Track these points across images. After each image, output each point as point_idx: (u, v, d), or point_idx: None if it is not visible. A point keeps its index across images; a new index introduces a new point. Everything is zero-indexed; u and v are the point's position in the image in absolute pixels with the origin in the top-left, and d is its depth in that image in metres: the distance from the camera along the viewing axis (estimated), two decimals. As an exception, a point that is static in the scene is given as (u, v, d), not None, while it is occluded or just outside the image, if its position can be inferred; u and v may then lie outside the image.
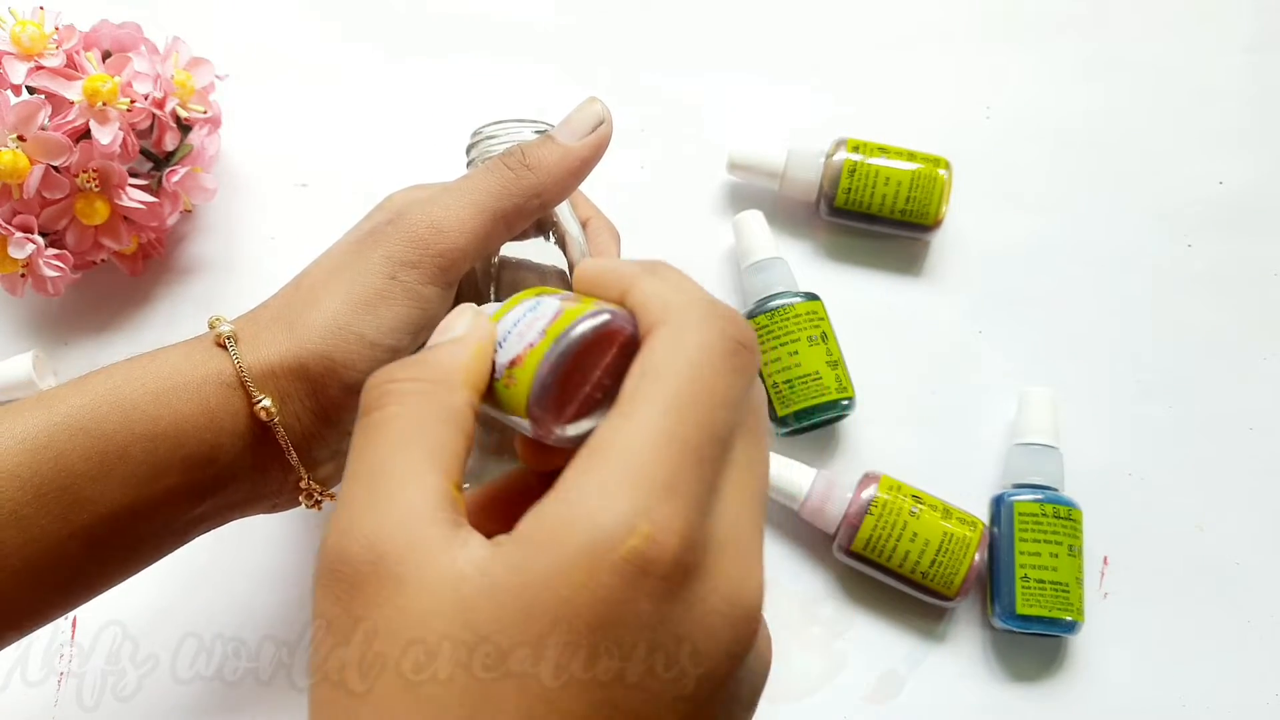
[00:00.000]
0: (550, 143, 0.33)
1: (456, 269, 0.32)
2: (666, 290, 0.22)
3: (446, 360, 0.22)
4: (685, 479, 0.19)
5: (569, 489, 0.19)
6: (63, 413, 0.29)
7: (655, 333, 0.21)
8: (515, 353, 0.22)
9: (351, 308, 0.31)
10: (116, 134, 0.40)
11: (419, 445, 0.21)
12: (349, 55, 0.50)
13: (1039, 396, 0.44)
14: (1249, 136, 0.49)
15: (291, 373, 0.31)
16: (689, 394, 0.20)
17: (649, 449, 0.19)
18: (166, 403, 0.30)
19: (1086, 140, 0.50)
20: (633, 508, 0.18)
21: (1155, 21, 0.51)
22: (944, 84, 0.50)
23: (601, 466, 0.19)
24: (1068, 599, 0.41)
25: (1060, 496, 0.42)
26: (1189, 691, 0.42)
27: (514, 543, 0.19)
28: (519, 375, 0.21)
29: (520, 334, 0.22)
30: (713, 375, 0.20)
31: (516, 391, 0.21)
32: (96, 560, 0.30)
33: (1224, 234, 0.48)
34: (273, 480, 0.32)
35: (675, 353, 0.20)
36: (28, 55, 0.40)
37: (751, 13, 0.51)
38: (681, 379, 0.20)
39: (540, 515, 0.19)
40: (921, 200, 0.45)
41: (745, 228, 0.46)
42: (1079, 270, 0.48)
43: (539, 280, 0.36)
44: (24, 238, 0.40)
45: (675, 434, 0.19)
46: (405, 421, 0.21)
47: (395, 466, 0.20)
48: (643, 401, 0.20)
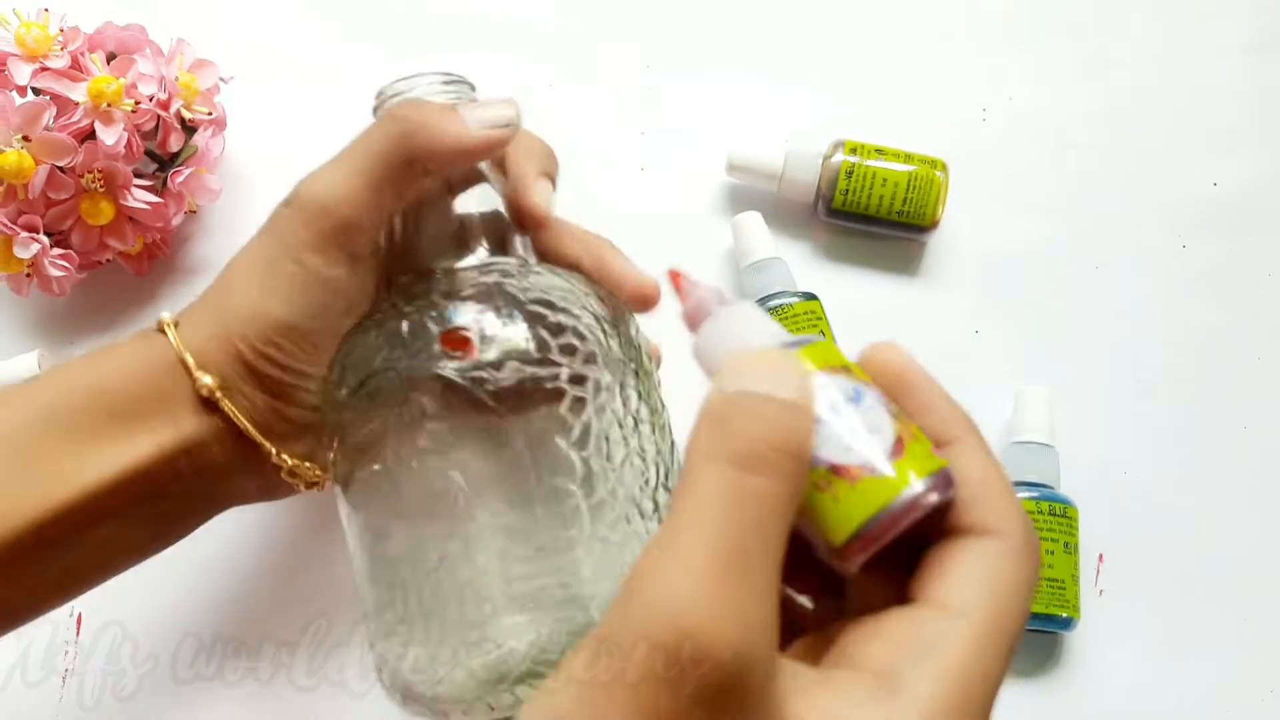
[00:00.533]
0: (450, 115, 0.32)
1: (355, 241, 0.32)
2: (999, 486, 0.21)
3: (801, 434, 0.20)
4: (984, 710, 0.20)
5: (910, 694, 0.19)
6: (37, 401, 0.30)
7: (998, 544, 0.21)
8: (838, 460, 0.20)
9: (264, 294, 0.32)
10: (121, 135, 0.40)
11: (779, 542, 0.19)
12: (351, 56, 0.51)
13: (1035, 395, 0.44)
14: (1246, 137, 0.50)
15: (226, 355, 0.32)
16: (1016, 629, 0.20)
17: (983, 681, 0.19)
18: (120, 386, 0.31)
19: (1083, 141, 0.50)
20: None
21: (1154, 22, 0.52)
22: (941, 85, 0.51)
23: (944, 682, 0.19)
24: (1064, 596, 0.41)
25: (1056, 494, 0.42)
26: (1184, 688, 0.43)
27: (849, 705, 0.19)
28: (845, 494, 0.20)
29: (849, 435, 0.20)
30: (1028, 610, 0.21)
31: (834, 509, 0.20)
32: (89, 541, 0.31)
33: (1220, 234, 0.49)
34: (251, 461, 0.33)
35: (1016, 580, 0.20)
36: (33, 57, 0.40)
37: (750, 14, 0.52)
38: (1017, 613, 0.20)
39: (884, 711, 0.19)
40: (918, 201, 0.46)
41: (744, 228, 0.46)
42: (1075, 271, 0.48)
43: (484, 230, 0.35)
44: (29, 238, 0.41)
45: (997, 672, 0.20)
46: (782, 505, 0.19)
47: (759, 555, 0.19)
48: (988, 623, 0.20)
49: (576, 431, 0.29)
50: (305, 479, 0.34)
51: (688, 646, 0.17)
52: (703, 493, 0.19)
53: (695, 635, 0.17)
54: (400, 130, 0.31)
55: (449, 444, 0.30)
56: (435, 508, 0.30)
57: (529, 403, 0.29)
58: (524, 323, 0.30)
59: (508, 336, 0.30)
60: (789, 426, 0.20)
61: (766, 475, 0.19)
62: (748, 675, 0.18)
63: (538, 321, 0.30)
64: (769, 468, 0.19)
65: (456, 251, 0.34)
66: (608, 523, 0.29)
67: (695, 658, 0.17)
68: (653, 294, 0.33)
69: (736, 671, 0.18)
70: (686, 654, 0.17)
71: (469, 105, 0.32)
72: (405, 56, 0.50)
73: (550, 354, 0.30)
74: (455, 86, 0.34)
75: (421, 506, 0.30)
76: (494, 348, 0.30)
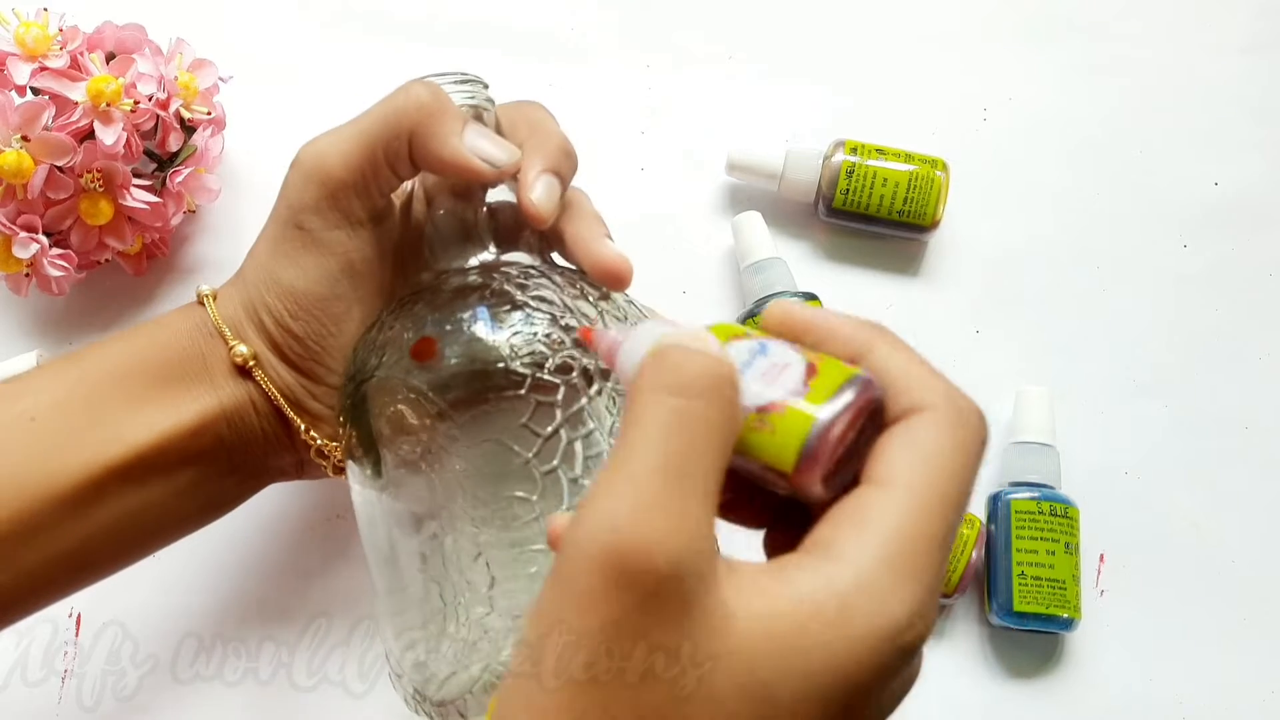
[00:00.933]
0: (455, 123, 0.32)
1: (350, 204, 0.32)
2: (919, 370, 0.23)
3: (728, 370, 0.22)
4: (939, 576, 0.21)
5: (847, 558, 0.20)
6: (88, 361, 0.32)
7: (923, 416, 0.22)
8: (768, 399, 0.22)
9: (276, 260, 0.33)
10: (120, 135, 0.40)
11: (719, 457, 0.21)
12: (352, 56, 0.50)
13: (1036, 395, 0.44)
14: (1246, 137, 0.50)
15: (255, 327, 0.33)
16: (955, 492, 0.21)
17: (923, 540, 0.21)
18: (164, 355, 0.33)
19: (1083, 141, 0.50)
20: (917, 602, 0.20)
21: (1153, 22, 0.52)
22: (941, 85, 0.51)
23: (880, 545, 0.20)
24: (1064, 596, 0.41)
25: (1057, 494, 0.42)
26: (1185, 688, 0.43)
27: (795, 597, 0.20)
28: (778, 424, 0.21)
29: (764, 379, 0.22)
30: (971, 475, 0.22)
31: (773, 440, 0.21)
32: (140, 504, 0.32)
33: (1220, 234, 0.49)
34: (287, 436, 0.34)
35: (945, 445, 0.21)
36: (32, 56, 0.40)
37: (751, 13, 0.52)
38: (949, 475, 0.21)
39: (823, 576, 0.20)
40: (919, 201, 0.45)
41: (744, 228, 0.46)
42: (1076, 270, 0.48)
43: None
44: (28, 237, 0.41)
45: (938, 531, 0.21)
46: (715, 428, 0.21)
47: (698, 476, 0.20)
48: (920, 488, 0.21)
49: (537, 444, 0.29)
50: (333, 461, 0.35)
51: (628, 551, 0.19)
52: (644, 419, 0.21)
53: (635, 540, 0.19)
54: (407, 109, 0.32)
55: (419, 452, 0.30)
56: (417, 512, 0.30)
57: (499, 409, 0.29)
58: (496, 331, 0.30)
59: (474, 346, 0.29)
60: (717, 363, 0.22)
61: (700, 399, 0.21)
62: (687, 576, 0.19)
63: (509, 329, 0.30)
64: (701, 392, 0.21)
65: (463, 250, 0.34)
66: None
67: (636, 562, 0.19)
68: (620, 271, 0.33)
69: (676, 574, 0.19)
70: (628, 559, 0.19)
71: (478, 128, 0.33)
72: (407, 56, 0.50)
73: (513, 363, 0.29)
74: (469, 86, 0.34)
75: (404, 513, 0.30)
76: (457, 357, 0.29)
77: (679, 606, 0.19)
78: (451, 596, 0.29)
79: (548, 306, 0.30)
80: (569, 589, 0.19)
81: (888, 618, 0.20)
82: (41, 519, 0.30)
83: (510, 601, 0.29)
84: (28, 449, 0.30)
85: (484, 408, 0.29)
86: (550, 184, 0.33)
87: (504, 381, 0.29)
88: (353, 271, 0.33)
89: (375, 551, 0.32)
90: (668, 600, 0.19)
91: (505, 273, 0.32)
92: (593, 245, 0.33)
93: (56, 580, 0.32)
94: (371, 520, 0.32)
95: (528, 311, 0.30)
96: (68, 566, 0.32)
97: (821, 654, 0.19)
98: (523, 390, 0.29)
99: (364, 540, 0.32)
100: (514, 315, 0.30)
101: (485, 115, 0.35)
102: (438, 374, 0.29)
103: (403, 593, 0.30)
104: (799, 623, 0.20)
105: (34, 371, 0.33)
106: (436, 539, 0.30)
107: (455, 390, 0.29)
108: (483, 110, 0.34)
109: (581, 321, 0.31)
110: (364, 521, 0.32)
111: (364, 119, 0.33)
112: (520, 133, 0.35)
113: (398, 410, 0.30)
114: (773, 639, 0.20)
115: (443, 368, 0.29)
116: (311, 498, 0.44)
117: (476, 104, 0.34)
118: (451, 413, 0.29)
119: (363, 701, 0.41)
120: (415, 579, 0.30)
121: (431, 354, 0.30)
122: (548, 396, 0.29)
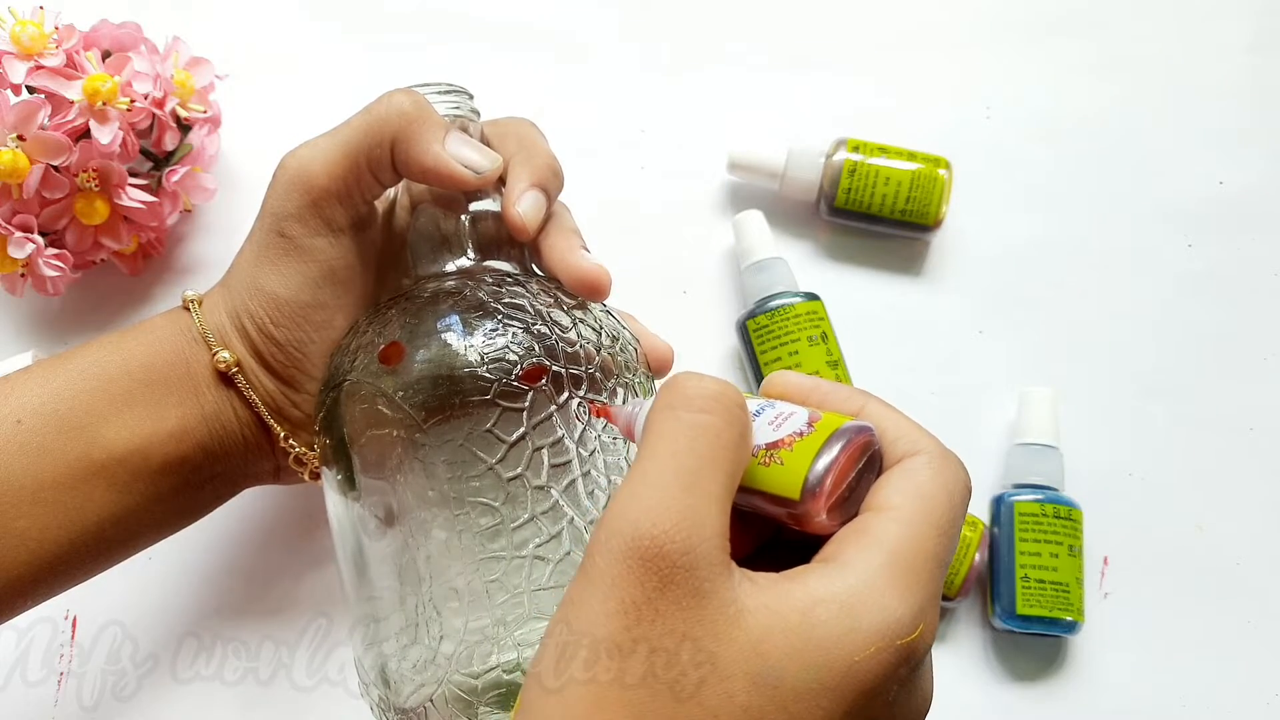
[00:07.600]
0: (436, 131, 0.32)
1: (332, 212, 0.33)
2: (909, 425, 0.26)
3: (738, 393, 0.24)
4: (937, 589, 0.23)
5: (853, 566, 0.22)
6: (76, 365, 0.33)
7: (916, 458, 0.25)
8: (775, 438, 0.24)
9: (259, 267, 0.33)
10: (116, 134, 0.40)
11: (731, 468, 0.23)
12: (349, 54, 0.50)
13: (1039, 396, 0.44)
14: (1249, 136, 0.49)
15: (236, 331, 0.34)
16: (945, 522, 0.24)
17: (920, 555, 0.23)
18: (149, 360, 0.33)
19: (1087, 140, 0.50)
20: (918, 606, 0.22)
21: (1156, 21, 0.51)
22: (944, 84, 0.50)
23: (883, 555, 0.23)
24: (1068, 599, 0.41)
25: (1060, 496, 0.42)
26: (1189, 692, 0.42)
27: (805, 595, 0.22)
28: (786, 458, 0.24)
29: (771, 425, 0.25)
30: (958, 513, 0.24)
31: (781, 471, 0.24)
32: (122, 508, 0.32)
33: (1224, 234, 0.48)
34: (267, 443, 0.35)
35: (939, 482, 0.24)
36: (27, 55, 0.40)
37: (751, 11, 0.51)
38: (941, 504, 0.24)
39: (831, 579, 0.22)
40: (922, 200, 0.45)
41: (745, 227, 0.46)
42: (1079, 270, 0.48)
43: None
44: (24, 237, 0.40)
45: (934, 549, 0.23)
46: (724, 440, 0.23)
47: (711, 480, 0.22)
48: (916, 512, 0.23)
49: (501, 450, 0.29)
50: (310, 468, 0.35)
51: (645, 542, 0.21)
52: (660, 432, 0.23)
53: (652, 532, 0.21)
54: (388, 117, 0.32)
55: (386, 457, 0.30)
56: (383, 519, 0.30)
57: (466, 415, 0.29)
58: (466, 337, 0.29)
59: (442, 351, 0.29)
60: (725, 384, 0.24)
61: (709, 414, 0.23)
62: (700, 566, 0.21)
63: (479, 335, 0.29)
64: (711, 408, 0.23)
65: (443, 257, 0.34)
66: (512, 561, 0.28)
67: (652, 550, 0.21)
68: (598, 281, 0.33)
69: (688, 563, 0.21)
70: (646, 549, 0.21)
71: (461, 136, 0.33)
72: (403, 56, 0.50)
73: (481, 369, 0.29)
74: (454, 96, 0.34)
75: (371, 520, 0.30)
76: (425, 361, 0.29)
77: (693, 595, 0.21)
78: (416, 605, 0.29)
79: (520, 314, 0.30)
80: (592, 578, 0.21)
81: (892, 617, 0.22)
82: (25, 521, 0.30)
83: (476, 609, 0.28)
84: (12, 451, 0.31)
85: (451, 414, 0.29)
86: (536, 199, 0.33)
87: (471, 387, 0.29)
88: (335, 279, 0.33)
89: (346, 560, 0.31)
90: (682, 587, 0.21)
91: (480, 280, 0.32)
92: (569, 256, 0.33)
93: (41, 581, 0.32)
94: (342, 528, 0.32)
95: (499, 319, 0.30)
96: (51, 568, 0.32)
97: (830, 647, 0.21)
98: (489, 396, 0.29)
99: (336, 548, 0.32)
100: (485, 322, 0.30)
101: (470, 126, 0.34)
102: (404, 378, 0.29)
103: (370, 601, 0.30)
104: (809, 617, 0.21)
105: (20, 374, 0.33)
106: (403, 547, 0.29)
107: (422, 394, 0.29)
108: (467, 121, 0.34)
109: (555, 330, 0.30)
110: (336, 529, 0.32)
111: (346, 127, 0.33)
112: (509, 147, 0.35)
113: (366, 414, 0.30)
114: (783, 632, 0.21)
115: (410, 372, 0.29)
116: (312, 498, 0.44)
117: (461, 114, 0.34)
118: (418, 418, 0.29)
119: (362, 702, 0.41)
120: (383, 588, 0.30)
121: (399, 358, 0.30)
122: (515, 403, 0.29)
